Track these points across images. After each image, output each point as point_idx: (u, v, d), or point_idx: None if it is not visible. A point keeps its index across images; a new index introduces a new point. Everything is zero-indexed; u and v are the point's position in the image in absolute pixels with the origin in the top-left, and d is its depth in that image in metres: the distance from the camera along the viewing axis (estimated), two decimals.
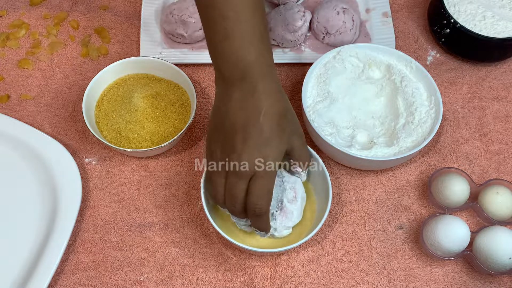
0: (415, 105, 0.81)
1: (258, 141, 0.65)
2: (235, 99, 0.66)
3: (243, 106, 0.66)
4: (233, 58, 0.66)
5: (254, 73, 0.66)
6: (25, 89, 0.88)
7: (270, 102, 0.66)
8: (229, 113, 0.66)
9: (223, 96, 0.68)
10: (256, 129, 0.65)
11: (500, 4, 0.90)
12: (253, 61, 0.66)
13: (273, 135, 0.66)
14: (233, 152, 0.66)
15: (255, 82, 0.66)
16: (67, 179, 0.78)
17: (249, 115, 0.66)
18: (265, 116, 0.65)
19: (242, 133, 0.65)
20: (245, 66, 0.66)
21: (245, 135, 0.65)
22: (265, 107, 0.65)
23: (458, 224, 0.74)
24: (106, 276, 0.75)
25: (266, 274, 0.75)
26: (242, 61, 0.66)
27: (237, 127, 0.66)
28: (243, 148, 0.65)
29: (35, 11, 0.95)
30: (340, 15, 0.89)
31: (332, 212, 0.79)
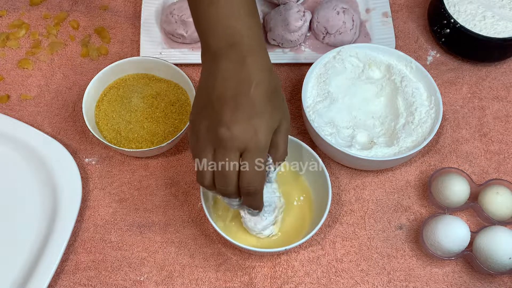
0: (415, 105, 0.81)
1: (249, 112, 0.61)
2: (222, 69, 0.62)
3: (232, 77, 0.62)
4: (219, 26, 0.63)
5: (244, 43, 0.62)
6: (25, 89, 0.88)
7: (261, 76, 0.62)
8: (217, 84, 0.62)
9: (210, 69, 0.63)
10: (247, 100, 0.61)
11: (500, 4, 0.90)
12: (242, 31, 0.62)
13: (265, 109, 0.61)
14: (221, 125, 0.60)
15: (246, 53, 0.62)
16: (67, 179, 0.78)
17: (239, 85, 0.61)
18: (257, 89, 0.61)
19: (231, 103, 0.61)
20: (233, 34, 0.62)
21: (235, 105, 0.60)
22: (256, 80, 0.61)
23: (458, 224, 0.74)
24: (106, 276, 0.75)
25: (266, 274, 0.75)
26: (230, 29, 0.62)
27: (226, 98, 0.61)
28: (232, 119, 0.60)
29: (35, 11, 0.95)
30: (340, 15, 0.89)
31: (332, 212, 0.79)
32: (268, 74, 0.63)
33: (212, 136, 0.61)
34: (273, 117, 0.63)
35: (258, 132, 0.61)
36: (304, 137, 0.84)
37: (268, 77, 0.63)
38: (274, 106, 0.63)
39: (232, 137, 0.60)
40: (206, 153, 0.62)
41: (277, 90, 0.64)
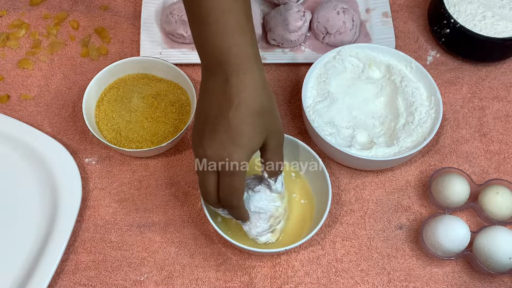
0: (415, 105, 0.81)
1: (224, 137, 0.62)
2: (209, 87, 0.64)
3: (215, 97, 0.63)
4: (209, 44, 0.64)
5: (230, 62, 0.63)
6: (25, 89, 0.88)
7: (244, 97, 0.62)
8: (204, 103, 0.65)
9: (202, 85, 0.66)
10: (224, 124, 0.62)
11: (500, 4, 0.90)
12: (228, 51, 0.63)
13: (241, 133, 0.62)
14: (200, 146, 0.63)
15: (230, 72, 0.62)
16: (67, 179, 0.78)
17: (219, 107, 0.63)
18: (236, 111, 0.62)
19: (211, 125, 0.63)
20: (219, 55, 0.63)
21: (214, 127, 0.63)
22: (236, 101, 0.62)
23: (458, 224, 0.74)
24: (106, 276, 0.75)
25: (266, 274, 0.75)
26: (217, 49, 0.63)
27: (208, 118, 0.63)
28: (208, 143, 0.63)
29: (35, 11, 0.95)
30: (340, 15, 0.89)
31: (332, 212, 0.79)
32: (253, 93, 0.63)
33: (195, 151, 0.65)
34: (252, 140, 0.63)
35: (232, 156, 0.62)
36: (304, 137, 0.84)
37: (253, 97, 0.63)
38: (254, 128, 0.63)
39: (207, 158, 0.63)
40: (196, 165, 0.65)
41: (263, 108, 0.64)
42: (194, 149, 0.66)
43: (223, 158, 0.62)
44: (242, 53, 0.64)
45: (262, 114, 0.64)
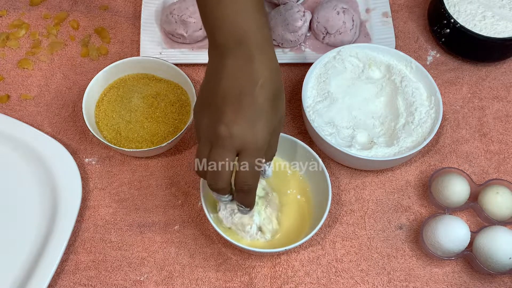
0: (415, 105, 0.81)
1: (251, 113, 0.60)
2: (229, 66, 0.62)
3: (237, 74, 0.61)
4: (227, 23, 0.62)
5: (251, 41, 0.61)
6: (25, 89, 0.88)
7: (268, 75, 0.61)
8: (222, 81, 0.61)
9: (216, 65, 0.63)
10: (251, 100, 0.60)
11: (500, 4, 0.90)
12: (250, 30, 0.62)
13: (267, 109, 0.61)
14: (222, 122, 0.60)
15: (253, 51, 0.61)
16: (67, 179, 0.78)
17: (244, 84, 0.61)
18: (262, 88, 0.61)
19: (235, 102, 0.60)
20: (241, 33, 0.61)
21: (238, 105, 0.60)
22: (262, 78, 0.61)
23: (458, 224, 0.74)
24: (106, 276, 0.75)
25: (266, 274, 0.75)
26: (238, 28, 0.61)
27: (229, 96, 0.61)
28: (234, 119, 0.60)
29: (35, 11, 0.95)
30: (340, 15, 0.89)
31: (332, 212, 0.79)
32: (274, 73, 0.63)
33: (211, 133, 0.61)
34: (273, 118, 0.62)
35: (258, 133, 0.61)
36: (304, 137, 0.84)
37: (274, 77, 0.62)
38: (275, 107, 0.63)
39: (230, 136, 0.60)
40: (205, 144, 0.62)
41: (280, 90, 0.64)
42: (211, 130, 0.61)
43: (248, 136, 0.60)
44: (262, 33, 0.63)
45: (280, 95, 0.64)
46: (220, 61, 0.62)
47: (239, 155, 0.61)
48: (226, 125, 0.60)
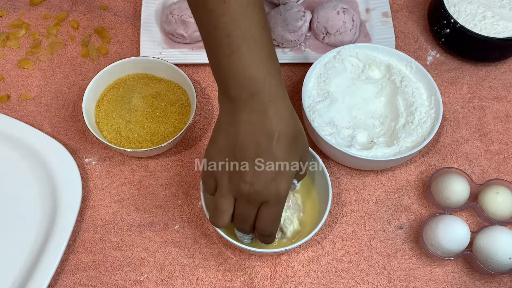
0: (415, 105, 0.81)
1: (270, 171, 0.62)
2: (244, 121, 0.62)
3: (253, 130, 0.62)
4: (240, 75, 0.62)
5: (264, 93, 0.62)
6: (25, 89, 0.88)
7: (283, 125, 0.62)
8: (239, 136, 0.63)
9: (231, 117, 0.63)
10: (269, 155, 0.62)
11: (500, 4, 0.90)
12: (263, 80, 0.62)
13: (286, 159, 0.63)
14: (244, 181, 0.62)
15: (266, 104, 0.62)
16: (67, 179, 0.78)
17: (260, 140, 0.62)
18: (278, 142, 0.62)
19: (254, 159, 0.62)
20: (254, 85, 0.61)
21: (257, 162, 0.62)
22: (277, 131, 0.62)
23: (458, 224, 0.74)
24: (106, 276, 0.75)
25: (266, 274, 0.75)
26: (251, 78, 0.61)
27: (248, 152, 0.62)
28: (255, 176, 0.62)
29: (35, 11, 0.95)
30: (340, 15, 0.89)
31: (332, 212, 0.79)
32: (290, 121, 0.64)
33: (235, 188, 0.64)
34: (293, 164, 0.64)
35: (280, 187, 0.63)
36: None
37: (291, 124, 0.63)
38: (294, 153, 0.64)
39: (255, 193, 0.63)
40: (227, 200, 0.65)
41: (297, 134, 0.65)
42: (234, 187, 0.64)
43: (271, 191, 0.63)
44: (275, 82, 0.63)
45: (297, 138, 0.65)
46: (235, 115, 0.63)
47: (261, 205, 0.64)
48: (249, 183, 0.62)
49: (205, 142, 0.85)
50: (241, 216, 0.65)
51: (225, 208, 0.65)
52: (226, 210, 0.65)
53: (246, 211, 0.65)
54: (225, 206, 0.65)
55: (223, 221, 0.66)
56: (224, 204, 0.65)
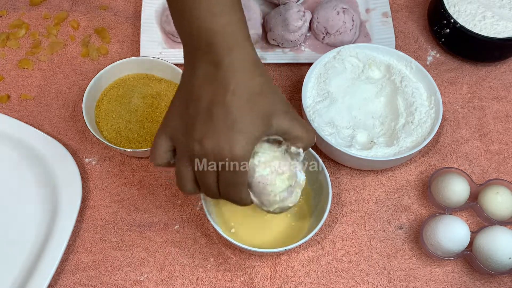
0: (415, 105, 0.81)
1: (224, 125, 0.56)
2: (199, 75, 0.58)
3: (207, 83, 0.58)
4: (195, 26, 0.58)
5: (220, 44, 0.57)
6: (25, 89, 0.88)
7: (241, 77, 0.57)
8: (193, 90, 0.58)
9: (189, 72, 0.60)
10: (222, 110, 0.56)
11: (500, 4, 0.90)
12: (221, 31, 0.57)
13: (242, 118, 0.57)
14: (194, 138, 0.57)
15: (221, 55, 0.57)
16: (67, 179, 0.78)
17: (214, 93, 0.57)
18: (234, 95, 0.56)
19: (205, 114, 0.57)
20: (209, 36, 0.57)
21: (209, 117, 0.57)
22: (233, 84, 0.56)
23: (458, 224, 0.74)
24: (106, 276, 0.75)
25: (266, 274, 0.75)
26: (207, 29, 0.57)
27: (200, 108, 0.57)
28: (205, 133, 0.57)
29: (35, 11, 0.95)
30: (340, 15, 0.90)
31: (332, 212, 0.79)
32: (249, 73, 0.58)
33: (187, 149, 0.59)
34: (256, 125, 0.58)
35: (234, 146, 0.57)
36: None
37: (250, 78, 0.58)
38: (257, 111, 0.58)
39: (205, 153, 0.57)
40: (183, 161, 0.60)
41: (262, 88, 0.59)
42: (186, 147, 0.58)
43: (223, 151, 0.56)
44: (234, 32, 0.58)
45: (262, 94, 0.58)
46: (191, 68, 0.60)
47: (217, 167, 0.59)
48: (199, 142, 0.57)
49: None
50: (201, 181, 0.60)
51: (184, 173, 0.60)
52: (185, 175, 0.60)
53: (202, 175, 0.59)
54: (183, 171, 0.60)
55: (187, 188, 0.61)
56: (182, 170, 0.60)
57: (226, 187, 0.60)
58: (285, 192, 0.64)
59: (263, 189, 0.63)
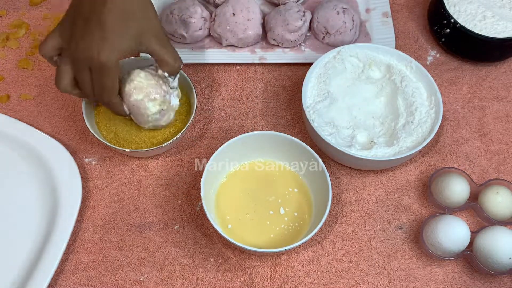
0: (415, 105, 0.81)
1: (97, 34, 0.66)
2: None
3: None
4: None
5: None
6: (25, 89, 0.88)
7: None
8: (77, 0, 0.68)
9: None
10: (96, 20, 0.66)
11: (500, 4, 0.90)
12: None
13: (113, 30, 0.66)
14: (74, 38, 0.67)
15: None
16: (67, 179, 0.78)
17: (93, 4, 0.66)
18: (109, 11, 0.65)
19: (82, 21, 0.66)
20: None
21: (87, 23, 0.66)
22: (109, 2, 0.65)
23: (458, 224, 0.74)
24: (106, 276, 0.75)
25: (266, 274, 0.75)
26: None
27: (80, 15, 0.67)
28: (82, 36, 0.66)
29: (35, 11, 0.95)
30: (340, 15, 0.89)
31: (332, 212, 0.79)
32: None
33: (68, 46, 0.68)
34: (124, 39, 0.67)
35: (101, 52, 0.66)
36: (304, 137, 0.84)
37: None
38: (127, 28, 0.67)
39: (81, 49, 0.67)
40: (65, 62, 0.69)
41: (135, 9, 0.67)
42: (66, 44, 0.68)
43: (92, 54, 0.66)
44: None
45: (135, 15, 0.68)
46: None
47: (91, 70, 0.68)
48: (76, 42, 0.67)
49: (205, 142, 0.85)
50: (78, 79, 0.70)
51: (62, 70, 0.70)
52: (63, 72, 0.70)
53: (78, 75, 0.69)
54: (62, 68, 0.70)
55: (62, 84, 0.71)
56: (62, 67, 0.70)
57: (97, 89, 0.70)
58: (157, 115, 0.76)
59: (137, 110, 0.76)
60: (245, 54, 0.91)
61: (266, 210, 0.77)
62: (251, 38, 0.89)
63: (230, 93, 0.89)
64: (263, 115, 0.87)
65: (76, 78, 0.70)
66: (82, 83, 0.70)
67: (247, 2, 0.89)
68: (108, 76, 0.68)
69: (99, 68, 0.67)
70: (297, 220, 0.77)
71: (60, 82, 0.71)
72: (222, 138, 0.84)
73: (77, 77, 0.70)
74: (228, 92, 0.89)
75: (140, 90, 0.74)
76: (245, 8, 0.89)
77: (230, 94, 0.89)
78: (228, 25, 0.88)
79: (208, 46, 0.91)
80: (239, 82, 0.90)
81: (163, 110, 0.76)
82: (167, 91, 0.76)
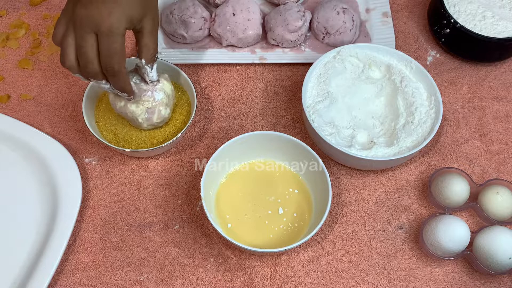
0: (415, 105, 0.81)
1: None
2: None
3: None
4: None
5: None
6: (25, 89, 0.88)
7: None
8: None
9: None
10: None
11: (500, 4, 0.90)
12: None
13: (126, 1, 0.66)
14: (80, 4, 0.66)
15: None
16: (67, 179, 0.78)
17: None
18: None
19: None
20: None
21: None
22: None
23: (458, 224, 0.74)
24: (106, 276, 0.75)
25: (266, 274, 0.75)
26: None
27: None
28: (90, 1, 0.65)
29: (35, 11, 0.95)
30: (340, 15, 0.90)
31: (332, 212, 0.79)
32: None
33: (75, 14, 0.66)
34: (132, 7, 0.67)
35: (111, 15, 0.65)
36: (304, 137, 0.84)
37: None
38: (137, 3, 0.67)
39: (87, 16, 0.65)
40: (69, 33, 0.67)
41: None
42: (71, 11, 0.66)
43: (102, 15, 0.65)
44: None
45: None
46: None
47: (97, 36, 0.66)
48: (84, 5, 0.65)
49: (205, 142, 0.85)
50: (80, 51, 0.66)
51: (66, 43, 0.67)
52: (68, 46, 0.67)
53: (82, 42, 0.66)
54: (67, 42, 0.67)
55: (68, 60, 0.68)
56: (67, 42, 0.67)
57: (105, 56, 0.67)
58: (145, 114, 0.77)
59: (126, 116, 0.77)
60: (245, 54, 0.91)
61: (266, 210, 0.77)
62: (251, 38, 0.89)
63: (230, 93, 0.89)
64: (263, 115, 0.87)
65: (79, 46, 0.67)
66: (86, 49, 0.67)
67: (247, 2, 0.89)
68: (117, 40, 0.66)
69: (108, 31, 0.65)
70: (297, 220, 0.77)
71: (66, 59, 0.68)
72: (222, 138, 0.84)
73: (81, 43, 0.66)
74: (228, 92, 0.89)
75: (120, 96, 0.75)
76: (245, 8, 0.89)
77: (230, 94, 0.89)
78: (228, 25, 0.88)
79: (208, 46, 0.91)
80: (239, 82, 0.90)
81: (148, 108, 0.76)
82: (147, 89, 0.76)
